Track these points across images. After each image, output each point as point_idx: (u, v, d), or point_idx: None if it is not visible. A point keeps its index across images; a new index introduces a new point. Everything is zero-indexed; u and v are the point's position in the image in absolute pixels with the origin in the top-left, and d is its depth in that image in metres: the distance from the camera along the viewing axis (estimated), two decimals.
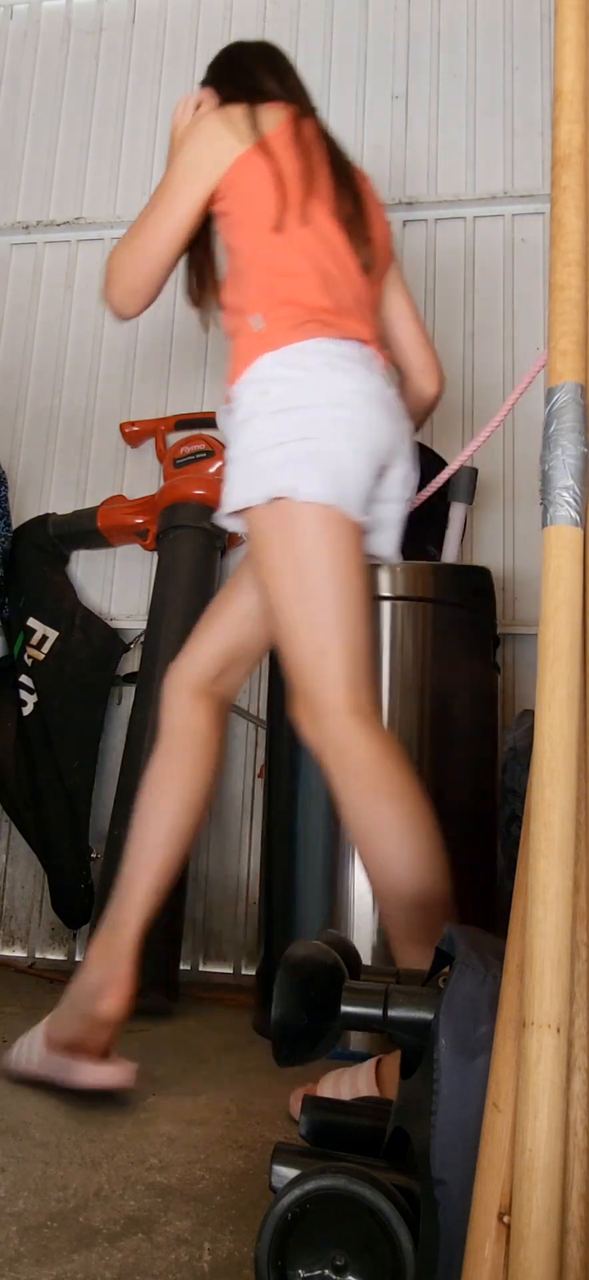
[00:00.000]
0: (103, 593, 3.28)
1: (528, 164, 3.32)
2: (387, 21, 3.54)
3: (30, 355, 3.55)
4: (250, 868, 3.00)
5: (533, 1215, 0.68)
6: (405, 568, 2.40)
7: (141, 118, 3.66)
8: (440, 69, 3.47)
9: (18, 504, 3.33)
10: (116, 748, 2.98)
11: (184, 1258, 1.05)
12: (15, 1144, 1.38)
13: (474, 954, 0.88)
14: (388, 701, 2.26)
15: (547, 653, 0.78)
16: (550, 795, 0.75)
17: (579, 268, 0.84)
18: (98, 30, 3.78)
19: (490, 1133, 0.74)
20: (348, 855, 2.21)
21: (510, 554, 3.07)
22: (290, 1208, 0.87)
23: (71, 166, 3.68)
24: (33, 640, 3.03)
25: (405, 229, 3.38)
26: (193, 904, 2.97)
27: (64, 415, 3.47)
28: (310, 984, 1.02)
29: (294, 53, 3.61)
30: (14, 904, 3.16)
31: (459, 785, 2.30)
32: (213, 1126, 1.52)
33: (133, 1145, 1.41)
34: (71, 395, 3.48)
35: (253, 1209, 1.18)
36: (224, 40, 3.71)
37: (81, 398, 3.47)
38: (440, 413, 3.22)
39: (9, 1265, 1.00)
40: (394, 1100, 0.99)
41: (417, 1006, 0.91)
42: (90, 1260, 1.03)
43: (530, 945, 0.73)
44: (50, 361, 3.52)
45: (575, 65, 0.88)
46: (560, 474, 0.82)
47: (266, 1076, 1.85)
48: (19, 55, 3.82)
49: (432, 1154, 0.81)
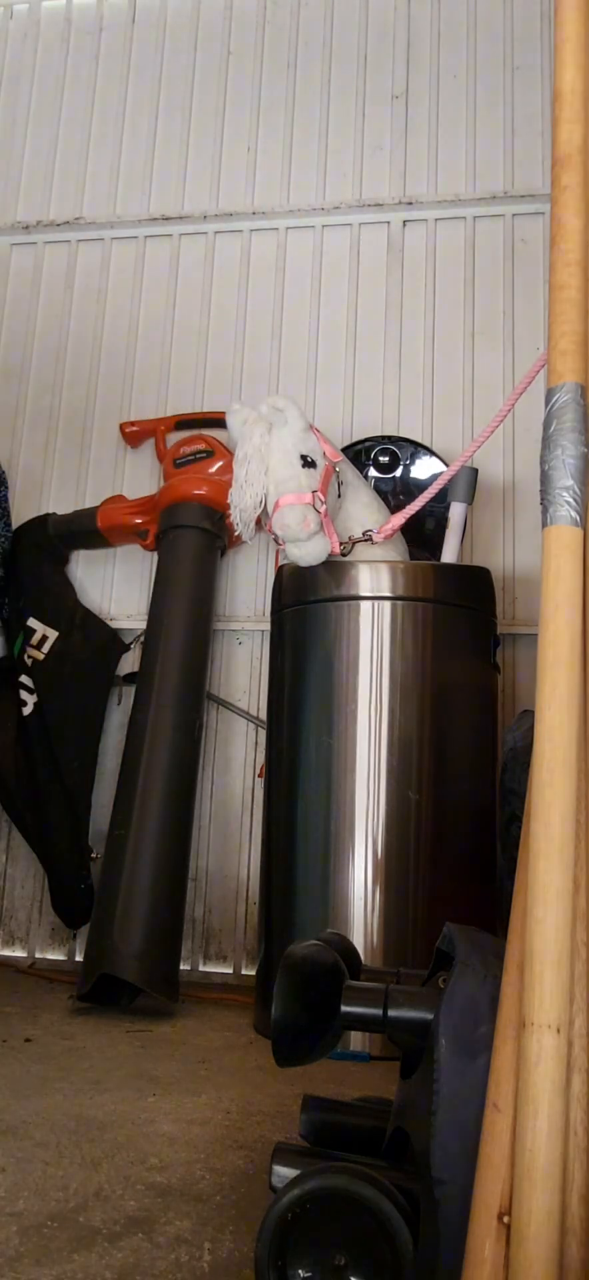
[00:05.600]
0: (103, 593, 3.29)
1: (528, 164, 3.32)
2: (387, 21, 3.55)
3: (30, 355, 3.55)
4: (250, 868, 3.00)
5: (533, 1215, 0.68)
6: (405, 567, 2.40)
7: (142, 118, 3.66)
8: (440, 69, 3.47)
9: (18, 504, 3.33)
10: (116, 748, 2.98)
11: (184, 1258, 1.04)
12: (15, 1144, 1.38)
13: (474, 954, 0.88)
14: (388, 701, 2.26)
15: (547, 653, 0.78)
16: (550, 795, 0.75)
17: (579, 268, 0.84)
18: (98, 30, 3.78)
19: (490, 1133, 0.74)
20: (348, 855, 2.22)
21: (510, 554, 3.07)
22: (290, 1208, 0.87)
23: (71, 166, 3.68)
24: (33, 640, 3.03)
25: (405, 229, 3.38)
26: (193, 904, 2.97)
27: (64, 415, 3.47)
28: (310, 984, 1.02)
29: (294, 53, 3.65)
30: (14, 904, 3.16)
31: (459, 785, 2.30)
32: (213, 1126, 1.52)
33: (133, 1145, 1.40)
34: (71, 395, 3.48)
35: (253, 1209, 1.18)
36: (224, 40, 3.74)
37: (81, 398, 3.47)
38: (441, 412, 3.23)
39: (9, 1265, 1.00)
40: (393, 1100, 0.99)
41: (417, 1006, 0.91)
42: (90, 1260, 1.03)
43: (530, 945, 0.73)
44: (50, 361, 3.52)
45: (575, 65, 0.88)
46: (560, 474, 0.82)
47: (267, 1076, 1.85)
48: (19, 55, 3.82)
49: (432, 1154, 0.81)
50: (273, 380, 3.33)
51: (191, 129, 3.62)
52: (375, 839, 2.21)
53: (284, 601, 2.48)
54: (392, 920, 2.18)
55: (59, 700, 2.98)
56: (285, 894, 2.31)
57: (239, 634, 3.17)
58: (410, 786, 2.22)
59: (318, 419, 2.94)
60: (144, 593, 3.18)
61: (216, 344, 3.42)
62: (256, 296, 3.43)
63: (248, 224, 3.49)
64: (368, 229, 3.41)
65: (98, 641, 3.11)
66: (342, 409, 3.27)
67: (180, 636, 2.81)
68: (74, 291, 3.57)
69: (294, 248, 3.45)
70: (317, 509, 2.29)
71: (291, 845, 2.32)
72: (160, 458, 3.24)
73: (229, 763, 3.10)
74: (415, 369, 3.26)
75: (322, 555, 2.32)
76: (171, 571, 2.92)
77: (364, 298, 3.36)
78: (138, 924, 2.42)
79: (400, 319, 3.31)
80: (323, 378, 3.32)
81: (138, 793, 2.59)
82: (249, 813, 3.05)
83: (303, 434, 2.34)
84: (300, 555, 2.31)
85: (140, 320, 3.51)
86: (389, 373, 3.27)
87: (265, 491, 2.32)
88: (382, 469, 3.01)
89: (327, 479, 2.35)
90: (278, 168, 3.51)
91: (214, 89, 3.63)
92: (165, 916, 2.49)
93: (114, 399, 3.44)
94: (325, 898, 2.23)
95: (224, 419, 2.64)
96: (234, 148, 3.57)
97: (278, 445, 2.33)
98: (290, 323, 3.39)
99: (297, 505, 2.27)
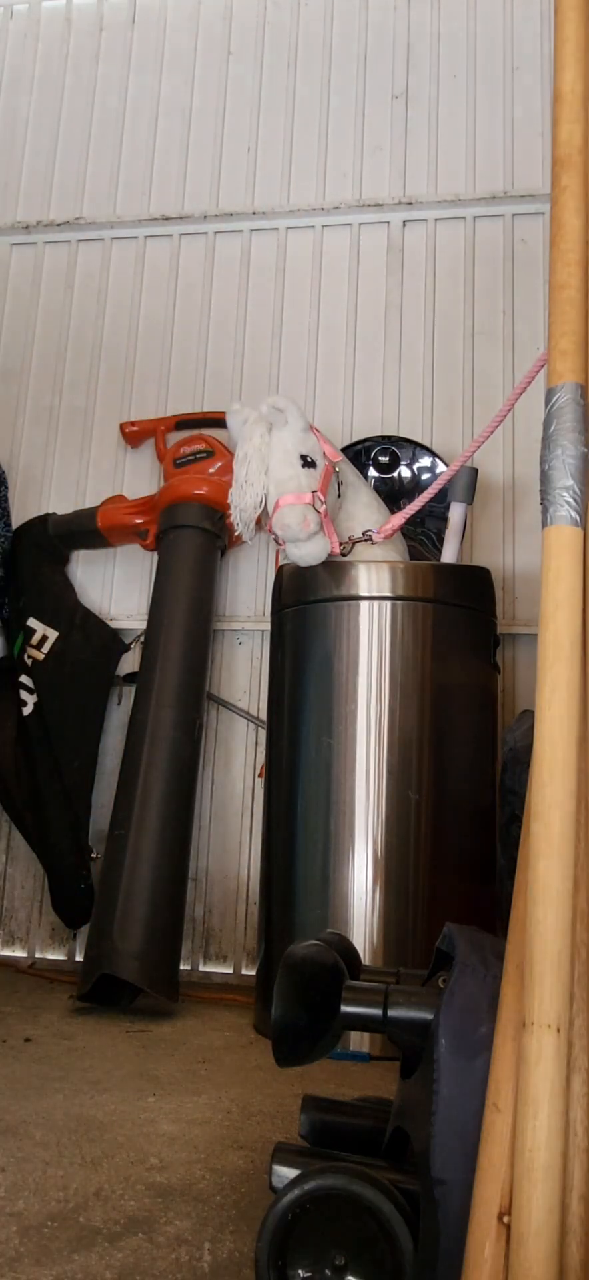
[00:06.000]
0: (103, 593, 3.29)
1: (528, 164, 3.32)
2: (387, 21, 3.55)
3: (30, 355, 3.55)
4: (250, 868, 3.00)
5: (533, 1215, 0.68)
6: (405, 567, 2.40)
7: (141, 118, 3.66)
8: (440, 69, 3.47)
9: (18, 504, 3.33)
10: (116, 748, 2.98)
11: (184, 1258, 1.04)
12: (15, 1144, 1.38)
13: (474, 954, 0.88)
14: (388, 701, 2.26)
15: (547, 653, 0.78)
16: (550, 795, 0.75)
17: (579, 268, 0.85)
18: (98, 30, 3.78)
19: (490, 1133, 0.74)
20: (348, 855, 2.22)
21: (510, 554, 3.07)
22: (290, 1208, 0.87)
23: (71, 166, 3.68)
24: (33, 640, 3.03)
25: (405, 229, 3.38)
26: (193, 904, 2.97)
27: (64, 415, 3.48)
28: (310, 984, 1.02)
29: (294, 53, 3.65)
30: (14, 904, 3.16)
31: (459, 785, 2.30)
32: (213, 1126, 1.52)
33: (133, 1145, 1.40)
34: (71, 395, 3.48)
35: (253, 1209, 1.18)
36: (224, 40, 3.74)
37: (81, 398, 3.47)
38: (441, 412, 3.23)
39: (9, 1265, 1.00)
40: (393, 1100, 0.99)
41: (417, 1006, 0.91)
42: (90, 1260, 1.03)
43: (530, 945, 0.73)
44: (50, 361, 3.52)
45: (575, 66, 0.88)
46: (560, 474, 0.82)
47: (267, 1076, 1.85)
48: (19, 55, 3.82)
49: (432, 1154, 0.81)
50: (273, 380, 3.33)
51: (191, 129, 3.62)
52: (375, 839, 2.21)
53: (284, 601, 2.48)
54: (392, 920, 2.18)
55: (59, 700, 2.98)
56: (285, 894, 2.31)
57: (239, 634, 3.17)
58: (410, 786, 2.22)
59: (318, 419, 2.94)
60: (144, 593, 3.18)
61: (216, 344, 3.43)
62: (256, 296, 3.43)
63: (248, 224, 3.49)
64: (368, 229, 3.41)
65: (98, 641, 3.11)
66: (342, 409, 3.27)
67: (180, 636, 2.81)
68: (74, 291, 3.57)
69: (294, 248, 3.45)
70: (317, 509, 2.29)
71: (292, 845, 2.32)
72: (160, 458, 3.24)
73: (229, 763, 3.10)
74: (415, 369, 3.26)
75: (322, 555, 2.32)
76: (171, 572, 2.92)
77: (364, 298, 3.36)
78: (138, 924, 2.42)
79: (400, 319, 3.31)
80: (323, 378, 3.32)
81: (138, 793, 2.59)
82: (249, 813, 3.05)
83: (303, 434, 2.35)
84: (300, 555, 2.32)
85: (140, 320, 3.51)
86: (389, 373, 3.27)
87: (265, 491, 2.32)
88: (382, 469, 3.01)
89: (327, 479, 2.35)
90: (278, 168, 3.51)
91: (214, 89, 3.63)
92: (165, 916, 2.49)
93: (114, 399, 3.44)
94: (325, 898, 2.23)
95: (224, 419, 2.65)
96: (234, 148, 3.57)
97: (278, 445, 2.33)
98: (290, 323, 3.39)
99: (297, 505, 2.27)
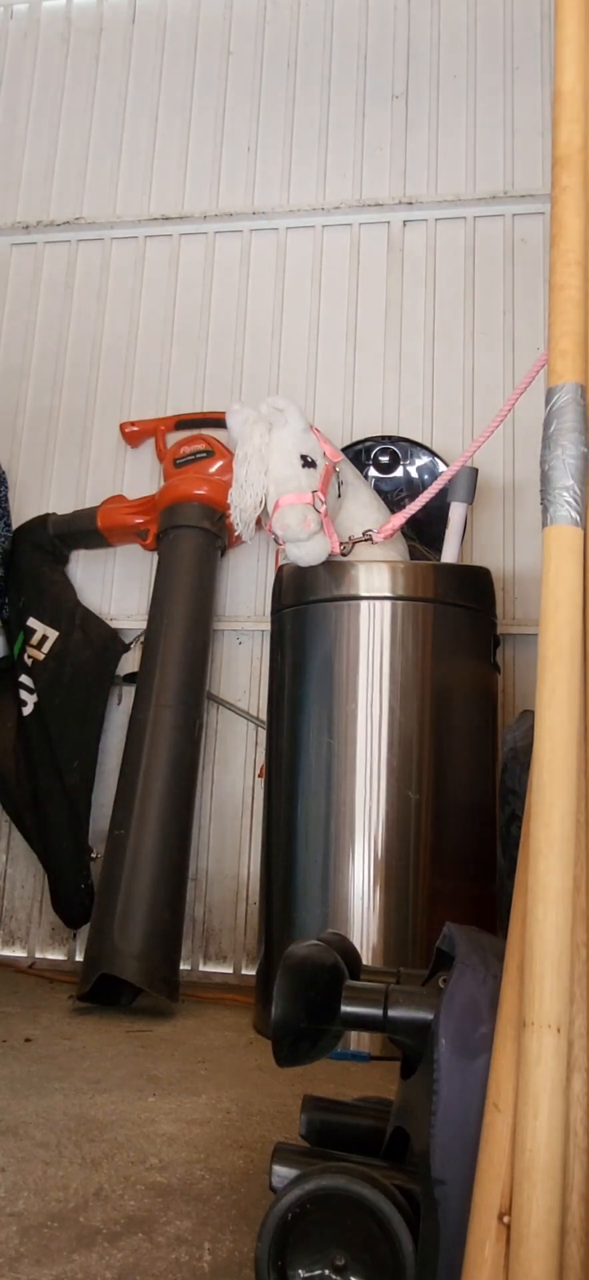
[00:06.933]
0: (103, 593, 3.28)
1: (528, 164, 3.32)
2: (386, 21, 3.55)
3: (30, 355, 3.55)
4: (250, 868, 3.00)
5: (533, 1215, 0.68)
6: (405, 567, 2.40)
7: (142, 118, 3.66)
8: (440, 69, 3.47)
9: (18, 504, 3.33)
10: (116, 748, 2.97)
11: (184, 1258, 1.04)
12: (15, 1144, 1.38)
13: (474, 954, 0.88)
14: (388, 701, 2.26)
15: (547, 653, 0.78)
16: (550, 795, 0.75)
17: (579, 268, 0.85)
18: (98, 30, 3.78)
19: (490, 1133, 0.74)
20: (348, 855, 2.22)
21: (510, 554, 3.07)
22: (290, 1208, 0.87)
23: (71, 166, 3.68)
24: (33, 640, 3.03)
25: (405, 229, 3.38)
26: (193, 904, 2.97)
27: (64, 415, 3.47)
28: (310, 984, 1.02)
29: (294, 53, 3.65)
30: (14, 904, 3.16)
31: (459, 785, 2.30)
32: (213, 1126, 1.52)
33: (133, 1145, 1.40)
34: (71, 395, 3.48)
35: (253, 1209, 1.18)
36: (224, 40, 3.74)
37: (81, 398, 3.47)
38: (441, 412, 3.23)
39: (9, 1265, 1.00)
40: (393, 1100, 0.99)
41: (417, 1006, 0.91)
42: (90, 1260, 1.02)
43: (530, 945, 0.73)
44: (50, 361, 3.52)
45: (576, 66, 0.88)
46: (560, 474, 0.82)
47: (267, 1076, 1.85)
48: (19, 55, 3.82)
49: (432, 1154, 0.81)
50: (273, 380, 3.32)
51: (191, 129, 3.62)
52: (375, 839, 2.21)
53: (284, 601, 2.48)
54: (392, 920, 2.18)
55: (59, 700, 2.98)
56: (285, 894, 2.31)
57: (239, 634, 3.17)
58: (410, 786, 2.22)
59: (318, 419, 2.94)
60: (144, 593, 3.18)
61: (216, 344, 3.42)
62: (256, 296, 3.43)
63: (248, 224, 3.49)
64: (368, 229, 3.41)
65: (98, 641, 3.11)
66: (342, 409, 3.27)
67: (180, 636, 2.81)
68: (74, 291, 3.57)
69: (294, 248, 3.45)
70: (317, 509, 2.29)
71: (292, 845, 2.32)
72: (160, 458, 3.24)
73: (229, 763, 3.10)
74: (415, 369, 3.26)
75: (322, 555, 2.32)
76: (172, 571, 2.92)
77: (364, 298, 3.36)
78: (138, 924, 2.42)
79: (400, 319, 3.31)
80: (323, 378, 3.32)
81: (138, 793, 2.59)
82: (249, 813, 3.05)
83: (303, 434, 2.35)
84: (300, 555, 2.32)
85: (140, 320, 3.51)
86: (389, 373, 3.27)
87: (265, 491, 2.32)
88: (382, 469, 3.01)
89: (327, 479, 2.35)
90: (278, 168, 3.51)
91: (214, 89, 3.63)
92: (165, 916, 2.49)
93: (114, 399, 3.44)
94: (325, 898, 2.23)
95: (224, 419, 2.64)
96: (234, 148, 3.57)
97: (278, 445, 2.33)
98: (290, 323, 3.39)
99: (297, 505, 2.27)
